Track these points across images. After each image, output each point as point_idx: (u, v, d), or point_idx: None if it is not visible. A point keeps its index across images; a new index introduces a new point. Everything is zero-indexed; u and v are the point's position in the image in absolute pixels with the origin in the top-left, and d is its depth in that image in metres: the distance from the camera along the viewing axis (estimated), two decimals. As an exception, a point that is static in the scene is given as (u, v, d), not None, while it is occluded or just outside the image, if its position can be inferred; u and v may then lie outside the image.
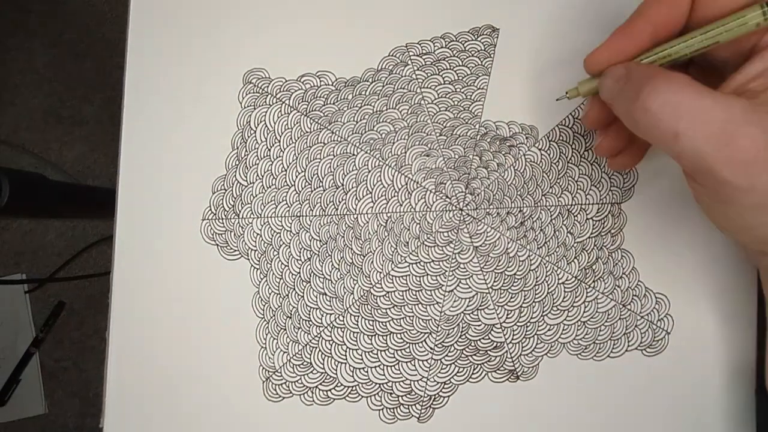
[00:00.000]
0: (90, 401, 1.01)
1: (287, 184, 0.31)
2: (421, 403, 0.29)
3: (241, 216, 0.31)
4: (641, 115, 0.21)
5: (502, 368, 0.29)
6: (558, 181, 0.30)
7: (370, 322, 0.30)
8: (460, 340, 0.30)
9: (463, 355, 0.30)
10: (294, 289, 0.30)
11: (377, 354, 0.30)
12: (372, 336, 0.30)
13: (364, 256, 0.30)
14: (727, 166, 0.19)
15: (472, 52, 0.31)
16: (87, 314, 1.01)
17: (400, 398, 0.29)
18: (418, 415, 0.29)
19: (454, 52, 0.31)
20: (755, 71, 0.21)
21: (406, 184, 0.31)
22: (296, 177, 0.31)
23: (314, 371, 0.30)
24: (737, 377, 0.28)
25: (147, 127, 0.31)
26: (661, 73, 0.21)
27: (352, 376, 0.30)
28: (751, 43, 0.22)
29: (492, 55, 0.31)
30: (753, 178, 0.19)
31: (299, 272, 0.30)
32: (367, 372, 0.30)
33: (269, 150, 0.31)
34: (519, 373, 0.29)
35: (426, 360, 0.30)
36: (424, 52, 0.31)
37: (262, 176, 0.31)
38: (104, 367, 0.30)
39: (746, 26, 0.21)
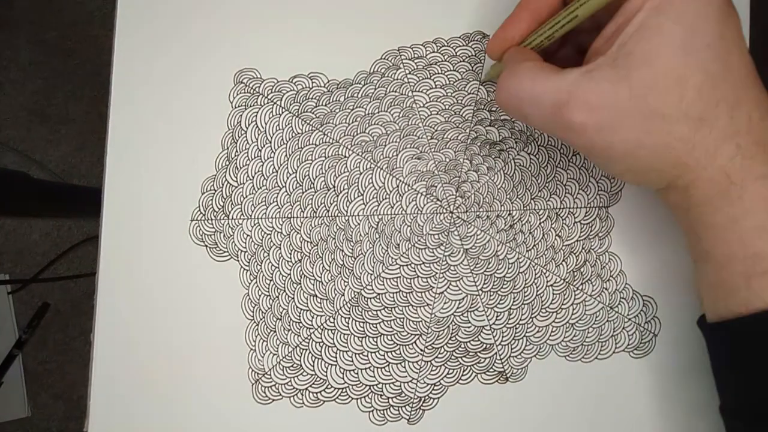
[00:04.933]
0: (74, 404, 0.99)
1: (278, 186, 0.31)
2: (411, 405, 0.29)
3: (230, 217, 0.31)
4: (501, 107, 0.26)
5: (491, 370, 0.30)
6: (547, 184, 0.31)
7: (361, 324, 0.30)
8: (450, 342, 0.30)
9: (452, 357, 0.30)
10: (284, 290, 0.30)
11: (367, 356, 0.30)
12: (362, 338, 0.30)
13: (355, 258, 0.30)
14: (569, 136, 0.23)
15: (463, 58, 0.31)
16: (72, 316, 1.00)
17: (390, 400, 0.29)
18: (408, 417, 0.29)
19: (446, 56, 0.31)
20: (608, 33, 0.23)
21: (398, 186, 0.31)
22: (287, 178, 0.31)
23: (304, 373, 0.30)
24: (721, 379, 0.29)
25: (134, 125, 0.31)
26: (509, 68, 0.24)
27: (343, 378, 0.30)
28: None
29: (482, 61, 0.31)
30: (591, 139, 0.22)
31: (290, 274, 0.30)
32: (357, 374, 0.30)
33: (260, 151, 0.31)
34: (508, 375, 0.29)
35: (416, 362, 0.30)
36: (416, 56, 0.31)
37: (253, 177, 0.31)
38: (89, 369, 0.29)
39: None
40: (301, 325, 0.30)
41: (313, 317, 0.30)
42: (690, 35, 0.20)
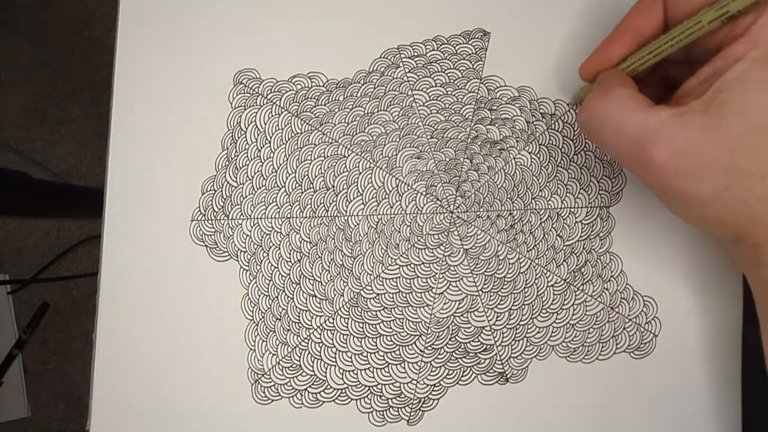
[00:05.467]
0: (74, 404, 0.99)
1: (277, 186, 0.31)
2: (410, 406, 0.29)
3: (230, 217, 0.31)
4: (580, 126, 0.25)
5: (491, 371, 0.29)
6: (548, 184, 0.30)
7: (360, 325, 0.30)
8: (449, 342, 0.30)
9: (452, 358, 0.30)
10: (284, 291, 0.30)
11: (367, 356, 0.30)
12: (362, 338, 0.30)
13: (354, 258, 0.30)
14: (643, 173, 0.22)
15: (464, 55, 0.31)
16: (71, 316, 1.00)
17: (389, 401, 0.29)
18: (407, 418, 0.29)
19: (446, 54, 0.31)
20: (704, 75, 0.22)
21: (397, 186, 0.31)
22: (287, 178, 0.31)
23: (304, 374, 0.30)
24: (723, 379, 0.29)
25: (136, 126, 0.31)
26: (601, 89, 0.24)
27: (342, 379, 0.29)
28: (716, 48, 0.23)
29: (483, 59, 0.31)
30: (666, 181, 0.22)
31: (289, 274, 0.30)
32: (356, 374, 0.30)
33: (260, 151, 0.31)
34: (508, 376, 0.29)
35: (416, 362, 0.30)
36: (415, 54, 0.31)
37: (252, 177, 0.31)
38: (90, 369, 0.29)
39: (698, 27, 0.22)
40: (300, 325, 0.30)
41: (312, 317, 0.30)
42: None
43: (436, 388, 0.29)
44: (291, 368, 0.30)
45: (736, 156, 0.20)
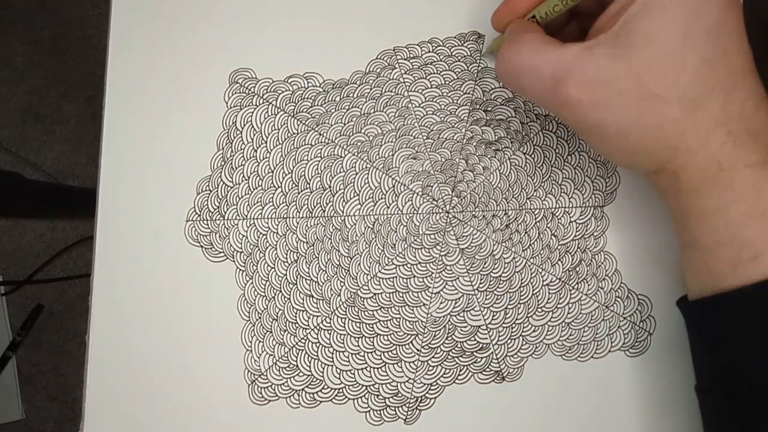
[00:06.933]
0: (68, 406, 0.98)
1: (274, 186, 0.31)
2: (407, 405, 0.29)
3: (226, 217, 0.31)
4: (499, 77, 0.26)
5: (487, 369, 0.30)
6: (542, 184, 0.31)
7: (357, 324, 0.30)
8: (446, 341, 0.30)
9: (449, 357, 0.30)
10: (280, 291, 0.30)
11: (364, 356, 0.30)
12: (359, 338, 0.30)
13: (351, 258, 0.30)
14: (562, 110, 0.23)
15: (459, 57, 0.31)
16: (66, 317, 0.99)
17: (386, 400, 0.29)
18: (404, 417, 0.29)
19: (441, 57, 0.31)
20: (612, 11, 0.23)
21: (394, 186, 0.31)
22: (283, 178, 0.31)
23: (301, 374, 0.30)
24: (716, 377, 0.29)
25: (129, 125, 0.31)
26: (512, 38, 0.25)
27: (339, 379, 0.30)
28: None
29: (478, 61, 0.31)
30: (584, 115, 0.22)
31: (286, 274, 0.30)
32: (353, 374, 0.30)
33: (255, 151, 0.31)
34: (504, 374, 0.30)
35: (412, 362, 0.30)
36: (411, 56, 0.31)
37: (249, 177, 0.31)
38: (84, 371, 0.29)
39: None
40: (297, 325, 0.30)
41: (309, 318, 0.30)
42: (692, 19, 0.21)
43: (432, 387, 0.29)
44: (288, 368, 0.30)
45: (645, 80, 0.21)
